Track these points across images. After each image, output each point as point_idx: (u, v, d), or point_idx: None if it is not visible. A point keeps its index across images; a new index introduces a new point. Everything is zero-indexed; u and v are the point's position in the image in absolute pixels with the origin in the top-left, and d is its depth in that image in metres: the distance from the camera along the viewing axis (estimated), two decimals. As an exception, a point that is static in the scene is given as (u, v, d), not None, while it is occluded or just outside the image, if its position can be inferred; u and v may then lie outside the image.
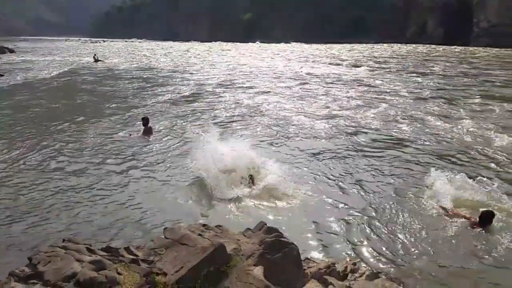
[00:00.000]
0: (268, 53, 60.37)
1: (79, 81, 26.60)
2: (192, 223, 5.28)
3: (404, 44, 78.73)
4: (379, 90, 21.82)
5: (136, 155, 10.30)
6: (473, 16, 74.15)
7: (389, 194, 7.82)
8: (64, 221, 6.70)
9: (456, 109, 16.17)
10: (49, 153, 10.46)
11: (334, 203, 7.40)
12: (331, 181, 8.55)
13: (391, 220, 6.74)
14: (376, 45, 78.15)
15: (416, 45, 73.59)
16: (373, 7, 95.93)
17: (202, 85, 24.12)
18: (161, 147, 11.00)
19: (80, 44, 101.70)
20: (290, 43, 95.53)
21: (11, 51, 57.88)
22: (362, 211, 7.12)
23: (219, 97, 19.65)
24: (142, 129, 12.23)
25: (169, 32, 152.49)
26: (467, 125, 13.36)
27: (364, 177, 8.80)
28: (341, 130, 13.07)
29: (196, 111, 15.95)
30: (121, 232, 6.34)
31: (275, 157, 9.17)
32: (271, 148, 10.93)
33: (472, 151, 10.68)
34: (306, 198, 7.58)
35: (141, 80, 26.88)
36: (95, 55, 44.77)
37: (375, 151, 10.84)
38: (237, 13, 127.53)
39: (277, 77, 28.82)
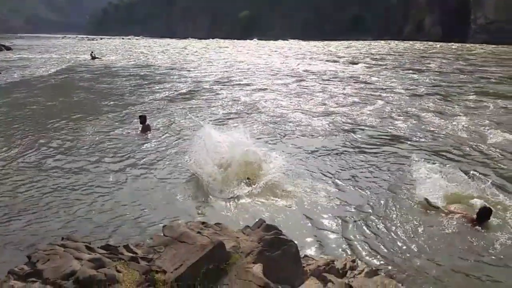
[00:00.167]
0: (265, 50, 60.28)
1: (76, 78, 26.51)
2: (191, 220, 5.28)
3: (401, 41, 78.75)
4: (375, 87, 21.83)
5: (134, 152, 10.28)
6: (471, 13, 74.26)
7: (387, 191, 7.83)
8: (62, 219, 6.69)
9: (451, 106, 16.25)
10: (46, 150, 10.43)
11: (332, 200, 7.41)
12: (329, 178, 8.55)
13: (389, 217, 6.75)
14: (373, 42, 78.13)
15: (413, 42, 73.56)
16: (371, 4, 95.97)
17: (199, 82, 24.08)
18: (159, 144, 10.98)
19: (77, 41, 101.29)
20: (288, 40, 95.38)
21: (8, 48, 57.57)
22: (360, 208, 7.13)
23: (216, 94, 19.63)
24: (140, 127, 12.22)
25: (167, 29, 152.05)
26: (461, 121, 13.42)
27: (361, 174, 8.82)
28: (338, 127, 13.08)
29: (193, 109, 15.93)
30: (119, 230, 6.33)
31: (272, 155, 9.14)
32: (268, 145, 10.89)
33: (466, 147, 10.75)
34: (304, 195, 7.58)
35: (138, 77, 26.82)
36: (92, 52, 44.60)
37: (372, 148, 10.87)
38: (235, 10, 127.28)
39: (274, 74, 28.78)
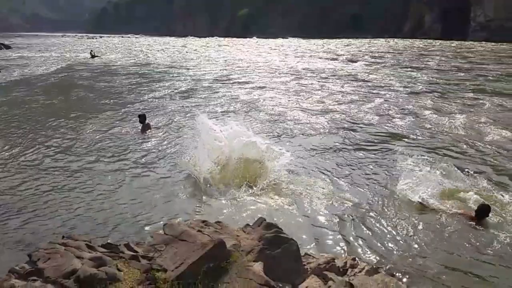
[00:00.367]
0: (265, 48, 60.23)
1: (76, 77, 26.48)
2: (191, 219, 5.28)
3: (401, 39, 78.66)
4: (374, 84, 21.85)
5: (134, 151, 10.27)
6: (470, 10, 74.19)
7: (386, 189, 7.83)
8: (62, 217, 6.68)
9: (448, 103, 16.30)
10: (46, 149, 10.42)
11: (332, 198, 7.40)
12: (329, 176, 8.55)
13: (388, 215, 6.75)
14: (373, 40, 78.07)
15: (413, 40, 73.53)
16: (371, 2, 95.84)
17: (198, 81, 24.05)
18: (158, 143, 10.97)
19: (76, 40, 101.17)
20: (287, 38, 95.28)
21: (8, 47, 57.54)
22: (359, 206, 7.13)
23: (215, 93, 19.62)
24: (139, 126, 12.21)
25: (166, 27, 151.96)
26: (459, 118, 13.46)
27: (360, 172, 8.83)
28: (337, 124, 13.10)
29: (192, 107, 15.91)
30: (120, 228, 6.33)
31: (275, 149, 9.14)
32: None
33: (463, 144, 10.80)
34: (304, 193, 7.58)
35: (138, 75, 26.80)
36: (92, 51, 44.58)
37: (370, 145, 10.89)
38: (234, 8, 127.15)
39: (273, 72, 28.76)
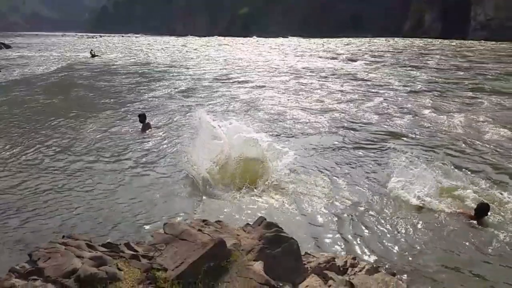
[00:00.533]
0: (265, 47, 60.23)
1: (76, 76, 26.49)
2: (191, 218, 5.28)
3: (401, 38, 78.63)
4: (373, 83, 21.86)
5: (134, 151, 10.27)
6: (471, 10, 74.15)
7: (386, 188, 7.78)
8: (62, 217, 6.68)
9: (447, 102, 16.33)
10: (46, 148, 10.42)
11: (332, 198, 7.39)
12: (329, 175, 8.53)
13: (388, 214, 6.74)
14: (373, 39, 78.05)
15: (413, 40, 73.50)
16: (371, 2, 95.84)
17: (198, 80, 24.06)
18: (159, 142, 10.97)
19: (76, 39, 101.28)
20: (287, 37, 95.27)
21: (8, 46, 57.62)
22: (359, 205, 7.12)
23: (215, 92, 19.62)
24: (140, 125, 12.20)
25: (166, 27, 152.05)
26: (457, 117, 13.50)
27: (360, 171, 8.81)
28: (336, 123, 13.11)
29: (192, 106, 15.89)
30: (120, 228, 6.32)
31: (272, 152, 9.15)
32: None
33: (461, 142, 10.83)
34: (304, 192, 7.57)
35: (138, 75, 26.81)
36: (92, 50, 44.65)
37: (370, 144, 10.90)
38: (234, 8, 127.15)
39: (273, 71, 28.76)
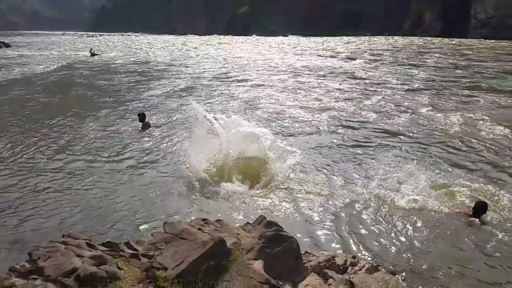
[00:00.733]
0: (264, 46, 60.16)
1: (75, 75, 26.48)
2: (191, 217, 5.28)
3: (401, 36, 78.54)
4: (372, 82, 21.85)
5: (134, 150, 10.27)
6: (471, 8, 74.06)
7: (386, 186, 7.76)
8: (62, 216, 6.69)
9: (444, 100, 16.33)
10: (45, 148, 10.42)
11: (332, 197, 7.39)
12: (328, 173, 8.52)
13: (388, 213, 6.74)
14: (373, 37, 77.96)
15: (413, 38, 73.41)
16: (371, 0, 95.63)
17: (198, 78, 24.05)
18: (158, 141, 10.98)
19: (76, 38, 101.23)
20: (287, 36, 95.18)
21: (7, 45, 57.60)
22: (359, 204, 7.11)
23: (215, 90, 19.60)
24: (139, 124, 12.19)
25: (166, 25, 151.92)
26: (454, 115, 13.51)
27: (359, 169, 8.79)
28: (335, 122, 13.11)
29: (191, 104, 15.84)
30: (120, 227, 6.32)
31: (274, 152, 9.15)
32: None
33: (458, 141, 10.85)
34: (304, 191, 7.58)
35: (137, 74, 26.79)
36: (92, 49, 44.63)
37: (368, 142, 10.92)
38: (234, 6, 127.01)
39: (272, 70, 28.72)
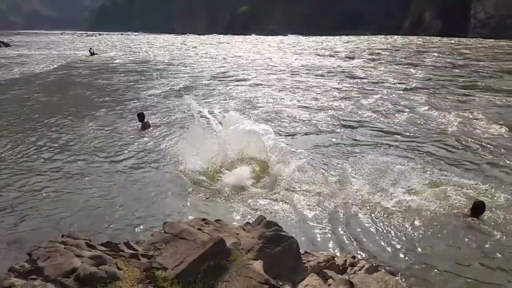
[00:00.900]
0: (264, 45, 60.10)
1: (75, 74, 26.47)
2: (191, 217, 5.27)
3: (400, 36, 78.50)
4: (370, 81, 21.84)
5: (133, 150, 10.25)
6: (471, 7, 74.03)
7: (385, 186, 7.76)
8: (61, 215, 6.69)
9: (441, 100, 16.32)
10: (45, 147, 10.42)
11: (331, 196, 7.38)
12: (327, 173, 8.50)
13: (388, 213, 6.73)
14: (372, 37, 77.89)
15: (412, 37, 73.33)
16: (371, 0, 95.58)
17: (197, 78, 24.05)
18: (158, 141, 10.96)
19: (75, 37, 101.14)
20: (286, 35, 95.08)
21: (6, 45, 57.55)
22: (358, 203, 7.10)
23: (213, 90, 19.60)
24: (139, 124, 12.18)
25: (166, 25, 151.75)
26: (450, 115, 13.53)
27: (358, 169, 8.74)
28: (334, 121, 13.10)
29: (190, 104, 15.82)
30: (120, 227, 6.32)
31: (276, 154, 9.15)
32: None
33: (454, 140, 10.86)
34: (303, 191, 7.57)
35: (137, 73, 26.77)
36: (91, 48, 44.63)
37: (367, 142, 10.92)
38: (234, 5, 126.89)
39: (271, 69, 28.69)
